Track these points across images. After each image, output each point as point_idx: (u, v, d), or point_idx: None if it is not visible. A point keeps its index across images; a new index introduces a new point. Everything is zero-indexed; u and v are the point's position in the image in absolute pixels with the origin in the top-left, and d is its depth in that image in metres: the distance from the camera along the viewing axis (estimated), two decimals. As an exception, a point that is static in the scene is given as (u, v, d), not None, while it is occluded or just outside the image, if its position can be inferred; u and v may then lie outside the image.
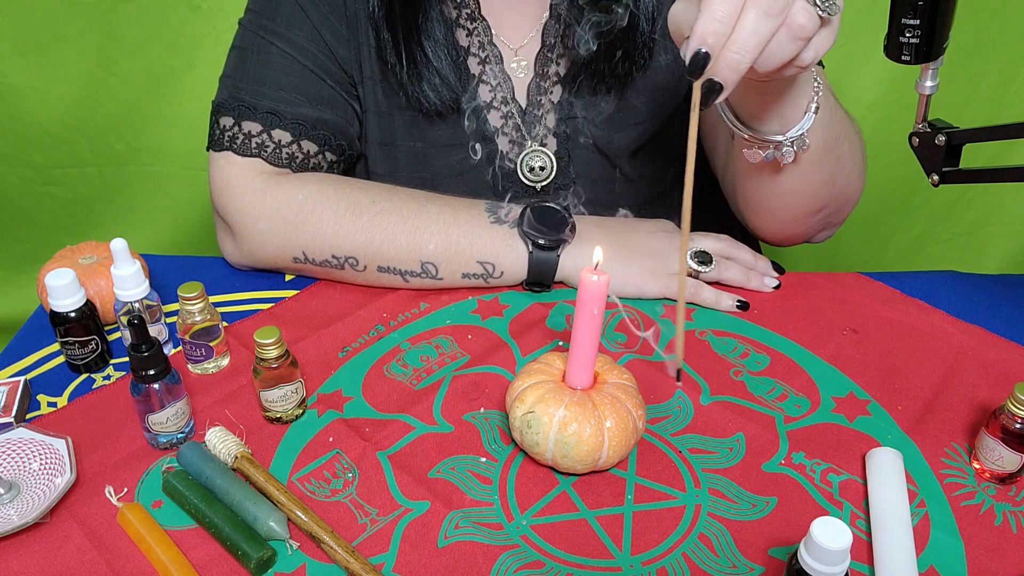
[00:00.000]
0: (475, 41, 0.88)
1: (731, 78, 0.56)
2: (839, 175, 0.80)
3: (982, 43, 1.37)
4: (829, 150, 0.76)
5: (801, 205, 0.82)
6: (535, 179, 0.90)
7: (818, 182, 0.79)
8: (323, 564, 0.58)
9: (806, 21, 0.56)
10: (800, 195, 0.80)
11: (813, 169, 0.77)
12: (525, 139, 0.90)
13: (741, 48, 0.55)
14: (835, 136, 0.75)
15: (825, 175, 0.79)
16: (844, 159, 0.79)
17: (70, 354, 0.74)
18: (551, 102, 0.89)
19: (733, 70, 0.56)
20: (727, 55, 0.56)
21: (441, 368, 0.75)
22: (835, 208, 0.85)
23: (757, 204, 0.84)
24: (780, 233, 0.88)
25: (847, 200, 0.85)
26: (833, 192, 0.82)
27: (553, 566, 0.58)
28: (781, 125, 0.71)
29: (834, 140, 0.76)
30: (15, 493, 0.62)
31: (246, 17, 0.87)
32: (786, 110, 0.69)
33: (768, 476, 0.65)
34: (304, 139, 0.85)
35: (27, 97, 1.42)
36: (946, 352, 0.77)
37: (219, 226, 0.87)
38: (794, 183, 0.78)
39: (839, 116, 0.76)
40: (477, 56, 0.88)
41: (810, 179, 0.78)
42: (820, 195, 0.81)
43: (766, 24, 0.55)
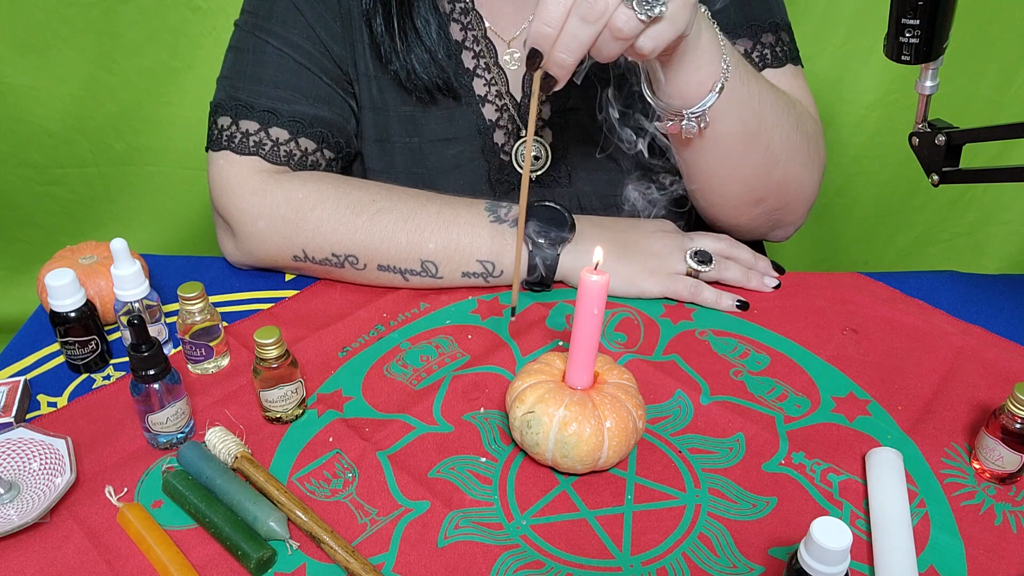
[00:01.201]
0: (469, 35, 0.88)
1: (560, 73, 0.65)
2: (773, 168, 0.82)
3: (982, 43, 1.37)
4: (752, 137, 0.79)
5: (732, 192, 0.84)
6: (530, 170, 0.90)
7: (746, 170, 0.81)
8: (323, 564, 0.58)
9: (623, 25, 0.62)
10: (728, 179, 0.83)
11: (735, 154, 0.80)
12: (521, 131, 0.90)
13: (565, 49, 0.63)
14: (758, 124, 0.78)
15: (753, 164, 0.81)
16: (776, 151, 0.81)
17: (70, 354, 0.74)
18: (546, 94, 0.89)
19: (560, 66, 0.65)
20: (554, 54, 0.64)
21: (441, 368, 0.75)
22: (777, 204, 0.86)
23: (691, 183, 0.86)
24: (723, 220, 0.89)
25: (792, 196, 0.87)
26: (769, 184, 0.83)
27: (553, 566, 0.58)
28: (683, 100, 0.74)
29: (757, 128, 0.78)
30: (15, 493, 0.62)
31: (241, 18, 0.87)
32: (682, 86, 0.73)
33: (768, 476, 0.65)
34: (302, 137, 0.85)
35: (27, 97, 1.42)
36: (946, 352, 0.77)
37: (219, 225, 0.87)
38: (716, 164, 0.81)
39: (766, 106, 0.79)
40: (471, 50, 0.88)
41: (736, 163, 0.81)
42: (753, 185, 0.83)
43: (586, 29, 0.62)
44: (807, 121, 0.86)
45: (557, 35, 0.63)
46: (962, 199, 1.54)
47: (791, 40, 0.90)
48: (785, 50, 0.89)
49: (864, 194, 1.54)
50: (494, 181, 0.91)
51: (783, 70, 0.88)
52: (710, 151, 0.80)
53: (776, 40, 0.88)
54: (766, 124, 0.79)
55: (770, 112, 0.79)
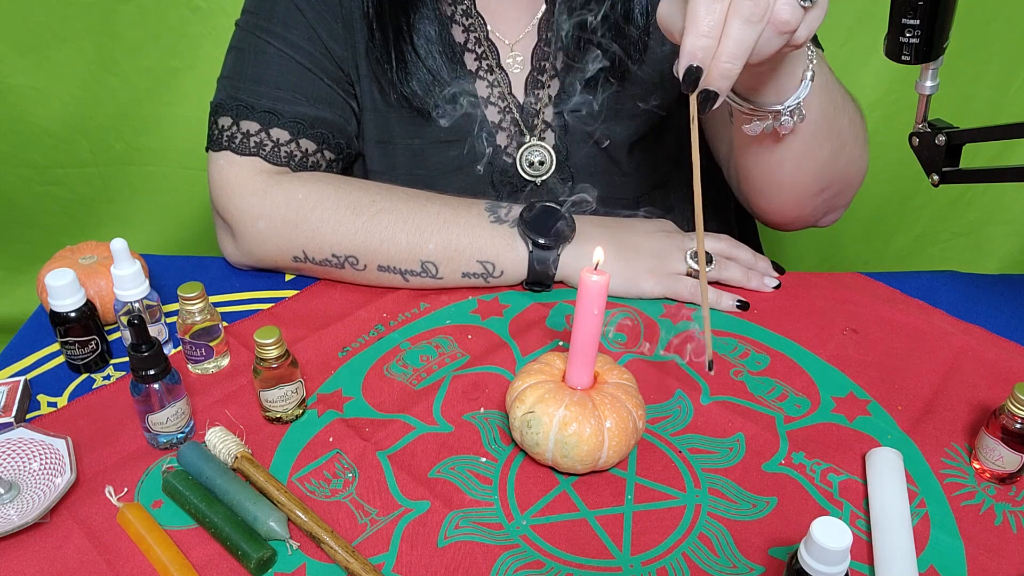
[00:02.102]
0: (471, 37, 0.88)
1: (724, 86, 0.58)
2: (841, 152, 0.80)
3: (982, 43, 1.37)
4: (829, 123, 0.76)
5: (804, 183, 0.81)
6: (535, 174, 0.90)
7: (821, 158, 0.79)
8: (323, 564, 0.58)
9: (789, 16, 0.57)
10: (803, 171, 0.80)
11: (815, 143, 0.77)
12: (523, 134, 0.90)
13: (731, 58, 0.57)
14: (834, 108, 0.76)
15: (827, 151, 0.78)
16: (845, 135, 0.79)
17: (70, 354, 0.74)
18: (548, 96, 0.89)
19: (725, 78, 0.58)
20: (718, 66, 0.57)
21: (441, 368, 0.75)
22: (839, 189, 0.85)
23: (760, 183, 0.83)
24: (785, 214, 0.87)
25: (850, 180, 0.85)
26: (836, 171, 0.81)
27: (553, 566, 0.58)
28: (778, 95, 0.71)
29: (833, 113, 0.76)
30: (15, 493, 0.62)
31: (242, 18, 0.87)
32: (782, 79, 0.70)
33: (768, 476, 0.65)
34: (302, 137, 0.85)
35: (27, 97, 1.42)
36: (946, 352, 0.77)
37: (219, 225, 0.87)
38: (796, 158, 0.78)
39: (837, 89, 0.77)
40: (473, 52, 0.88)
41: (812, 154, 0.78)
42: (823, 173, 0.81)
43: (750, 31, 0.57)
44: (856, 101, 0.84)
45: (718, 44, 0.57)
46: (962, 199, 1.54)
47: None
48: None
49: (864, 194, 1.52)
50: (497, 183, 0.91)
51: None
52: (789, 145, 0.76)
53: None
54: (838, 108, 0.77)
55: (839, 95, 0.77)
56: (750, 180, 0.85)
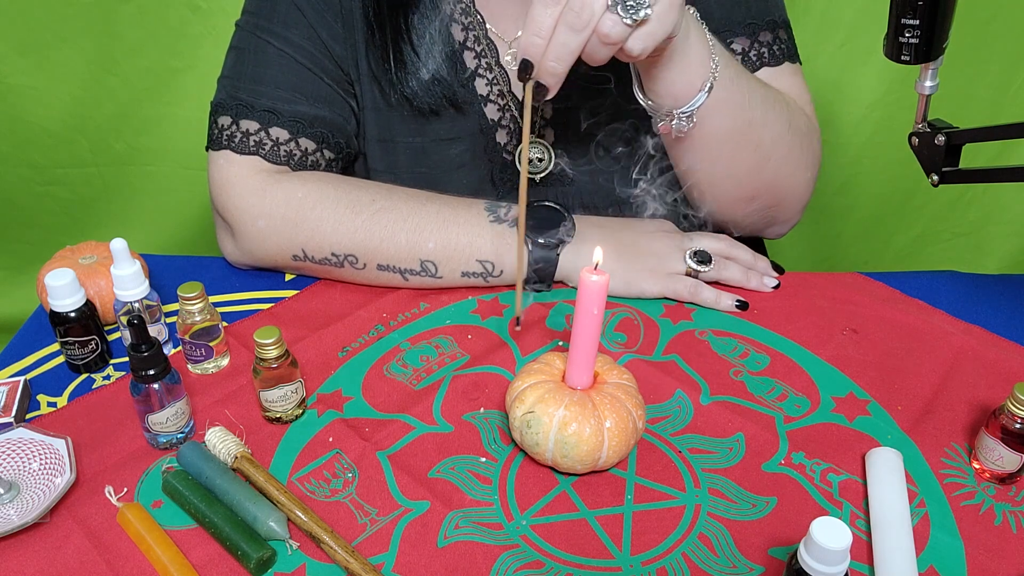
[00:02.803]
0: (470, 35, 0.88)
1: (551, 81, 0.66)
2: (764, 166, 0.83)
3: (982, 43, 1.37)
4: (740, 136, 0.79)
5: (725, 189, 0.84)
6: (533, 171, 0.91)
7: (738, 168, 0.82)
8: (323, 564, 0.58)
9: (610, 31, 0.63)
10: (720, 177, 0.83)
11: (726, 152, 0.80)
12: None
13: (556, 58, 0.65)
14: (747, 123, 0.79)
15: (744, 162, 0.81)
16: (766, 149, 0.82)
17: (70, 354, 0.74)
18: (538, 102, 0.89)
19: (551, 75, 0.66)
20: (545, 63, 0.65)
21: (441, 368, 0.75)
22: (771, 201, 0.87)
23: (685, 181, 0.86)
24: (718, 216, 0.89)
25: (785, 194, 0.87)
26: (760, 182, 0.84)
27: (553, 566, 0.58)
28: (674, 100, 0.75)
29: (746, 127, 0.79)
30: (15, 493, 0.62)
31: (243, 18, 0.87)
32: (671, 86, 0.74)
33: (768, 476, 0.65)
34: (302, 137, 0.85)
35: (27, 97, 1.42)
36: (946, 352, 0.77)
37: (218, 225, 0.87)
38: (707, 163, 0.82)
39: (755, 105, 0.79)
40: (472, 50, 0.88)
41: (725, 162, 0.81)
42: (744, 182, 0.83)
43: (574, 37, 0.64)
44: (800, 119, 0.86)
45: (547, 45, 0.64)
46: (962, 199, 1.54)
47: (789, 38, 0.90)
48: (783, 48, 0.89)
49: (864, 194, 1.54)
50: (497, 181, 0.91)
51: (780, 68, 0.88)
52: (701, 149, 0.80)
53: (774, 38, 0.88)
54: (756, 123, 0.80)
55: (760, 111, 0.80)
56: (682, 177, 0.87)
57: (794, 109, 0.85)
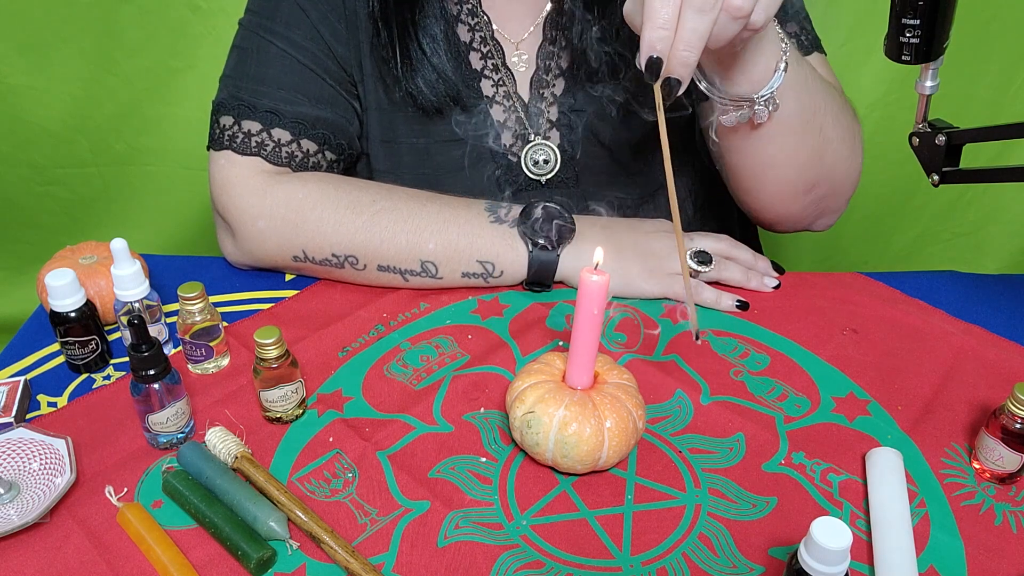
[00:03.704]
0: (476, 36, 0.88)
1: (685, 73, 0.61)
2: (825, 151, 0.81)
3: (982, 43, 1.37)
4: (808, 118, 0.78)
5: (787, 179, 0.83)
6: (539, 172, 0.90)
7: (802, 154, 0.80)
8: (323, 564, 0.58)
9: (742, 2, 0.60)
10: (784, 166, 0.82)
11: (794, 137, 0.78)
12: (528, 133, 0.90)
13: (687, 46, 0.60)
14: (812, 105, 0.78)
15: (808, 147, 0.80)
16: (828, 133, 0.81)
17: (70, 354, 0.74)
18: (553, 95, 0.89)
19: (685, 66, 0.61)
20: (676, 54, 0.61)
21: (441, 368, 0.75)
22: (827, 190, 0.86)
23: (744, 178, 0.85)
24: (774, 212, 0.88)
25: (840, 181, 0.86)
26: (821, 169, 0.83)
27: (553, 566, 0.58)
28: (751, 84, 0.73)
29: (812, 109, 0.78)
30: (15, 493, 0.62)
31: (246, 17, 0.87)
32: (752, 69, 0.72)
33: (768, 476, 0.65)
34: (304, 138, 0.85)
35: (27, 97, 1.42)
36: (946, 352, 0.77)
37: (219, 225, 0.87)
38: (776, 151, 0.80)
39: (817, 86, 0.78)
40: (479, 51, 0.88)
41: (792, 149, 0.80)
42: (806, 170, 0.82)
43: (704, 19, 0.60)
44: (848, 104, 0.85)
45: (674, 35, 0.60)
46: (962, 199, 1.54)
47: (812, 29, 0.90)
48: (810, 38, 0.89)
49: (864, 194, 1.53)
50: (502, 182, 0.91)
51: (810, 58, 0.88)
52: (769, 137, 0.78)
53: (800, 29, 0.88)
54: (819, 104, 0.78)
55: (820, 94, 0.79)
56: (736, 176, 0.86)
57: (841, 94, 0.85)
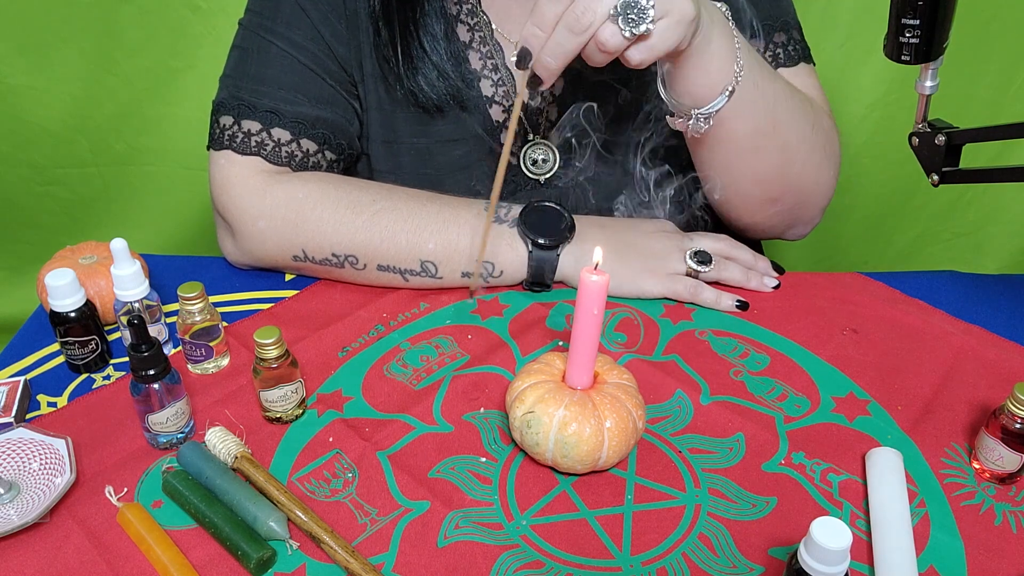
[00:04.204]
0: (476, 36, 0.88)
1: (545, 75, 0.68)
2: (789, 167, 0.83)
3: (982, 43, 1.36)
4: (764, 137, 0.79)
5: (748, 190, 0.85)
6: (537, 172, 0.90)
7: (760, 169, 0.82)
8: (323, 564, 0.58)
9: (607, 40, 0.64)
10: (743, 178, 0.83)
11: (749, 154, 0.80)
12: (528, 133, 0.90)
13: (551, 54, 0.66)
14: (770, 124, 0.79)
15: (767, 164, 0.81)
16: (792, 151, 0.82)
17: (70, 354, 0.74)
18: (553, 95, 0.89)
19: (546, 69, 0.67)
20: (541, 57, 0.67)
21: (441, 368, 0.75)
22: (793, 203, 0.87)
23: (706, 181, 0.86)
24: (740, 219, 0.90)
25: (808, 195, 0.87)
26: (785, 184, 0.84)
27: (553, 566, 0.58)
28: (692, 100, 0.75)
29: (770, 129, 0.79)
30: (15, 493, 0.62)
31: (246, 17, 0.87)
32: (691, 88, 0.74)
33: (768, 476, 0.65)
34: (304, 138, 0.85)
35: (27, 97, 1.42)
36: (946, 352, 0.77)
37: (219, 225, 0.87)
38: (731, 164, 0.82)
39: (780, 107, 0.79)
40: (478, 51, 0.88)
41: (748, 164, 0.81)
42: (768, 184, 0.84)
43: (571, 39, 0.64)
44: (824, 120, 0.86)
45: (546, 39, 0.65)
46: (962, 199, 1.54)
47: (802, 39, 0.90)
48: (797, 49, 0.89)
49: (864, 194, 1.54)
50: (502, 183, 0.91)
51: (796, 69, 0.89)
52: (723, 150, 0.80)
53: (788, 39, 0.88)
54: (781, 125, 0.79)
55: (786, 113, 0.80)
56: (702, 180, 0.87)
57: (818, 109, 0.85)
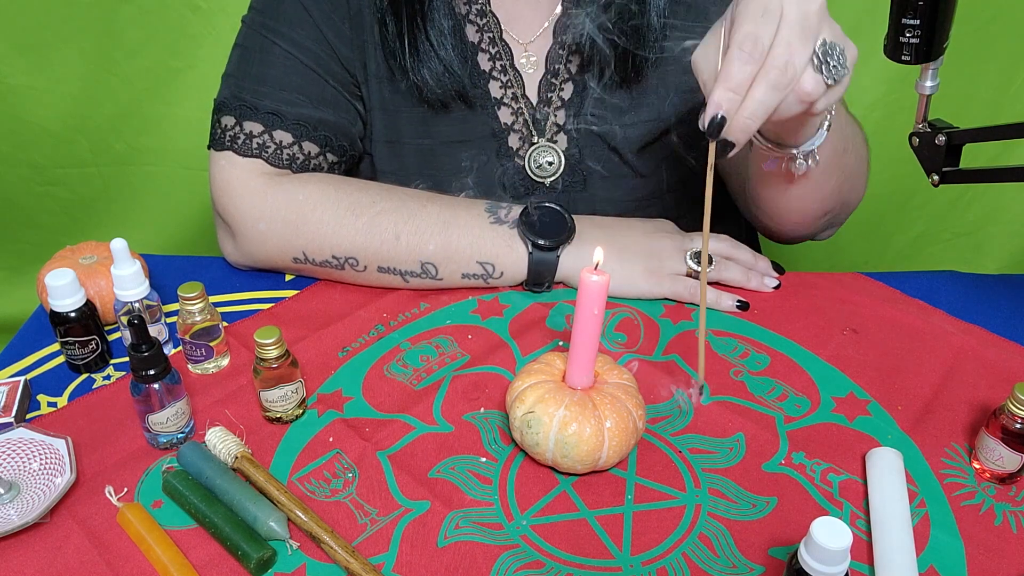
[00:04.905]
0: (485, 37, 0.87)
1: (742, 139, 0.62)
2: (845, 183, 0.84)
3: (982, 43, 1.36)
4: (838, 162, 0.79)
5: (811, 210, 0.85)
6: (543, 175, 0.90)
7: (827, 190, 0.82)
8: (323, 564, 0.58)
9: (812, 89, 0.61)
10: (810, 200, 0.83)
11: (823, 179, 0.80)
12: (535, 135, 0.90)
13: (752, 116, 0.61)
14: (843, 149, 0.79)
15: (833, 183, 0.82)
16: (850, 168, 0.83)
17: (70, 354, 0.74)
18: (561, 99, 0.89)
19: (744, 132, 0.61)
20: (739, 120, 0.61)
21: (441, 368, 0.75)
22: (839, 211, 0.89)
23: (770, 209, 0.87)
24: (789, 234, 0.91)
25: (850, 203, 0.89)
26: (839, 198, 0.85)
27: (553, 566, 0.58)
28: (796, 140, 0.73)
29: (842, 151, 0.79)
30: (15, 493, 0.62)
31: (249, 15, 0.87)
32: (807, 131, 0.72)
33: (768, 476, 0.65)
34: (305, 140, 0.85)
35: (27, 97, 1.42)
36: (946, 352, 0.77)
37: (219, 226, 0.87)
38: (806, 190, 0.81)
39: (849, 128, 0.80)
40: (487, 52, 0.88)
41: (820, 187, 0.81)
42: (828, 201, 0.85)
43: (774, 95, 0.60)
44: (862, 131, 0.87)
45: (742, 100, 0.60)
46: (962, 199, 1.54)
47: None
48: None
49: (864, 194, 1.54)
50: (507, 185, 0.91)
51: None
52: (801, 181, 0.79)
53: None
54: (848, 146, 0.80)
55: (851, 133, 0.80)
56: (761, 206, 0.88)
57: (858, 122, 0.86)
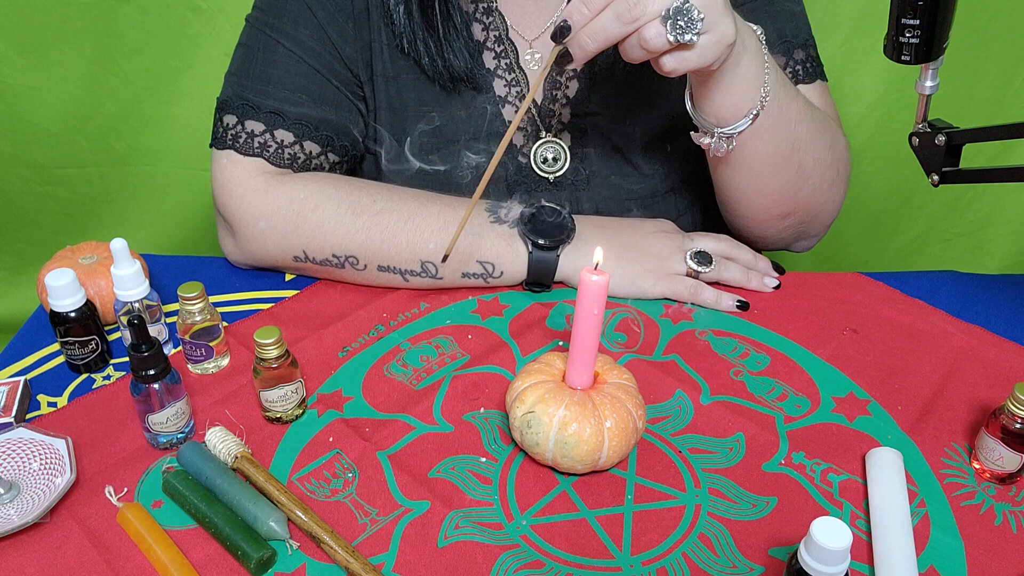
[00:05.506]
0: (491, 35, 0.87)
1: (579, 55, 0.67)
2: (802, 186, 0.83)
3: (982, 43, 1.36)
4: (783, 159, 0.80)
5: (761, 205, 0.85)
6: (548, 170, 0.90)
7: (776, 187, 0.82)
8: (323, 564, 0.58)
9: (651, 38, 0.64)
10: (756, 194, 0.84)
11: (767, 172, 0.81)
12: (540, 133, 0.90)
13: (591, 35, 0.65)
14: (790, 146, 0.79)
15: (783, 182, 0.82)
16: (807, 171, 0.82)
17: (70, 354, 0.74)
18: (566, 96, 0.89)
19: (582, 49, 0.66)
20: (580, 36, 0.66)
21: (441, 368, 0.75)
22: (803, 218, 0.87)
23: (723, 198, 0.87)
24: (750, 232, 0.90)
25: (817, 212, 0.88)
26: (797, 201, 0.84)
27: (553, 566, 0.58)
28: (716, 119, 0.76)
29: (789, 151, 0.79)
30: (15, 493, 0.62)
31: (253, 14, 0.87)
32: (715, 108, 0.75)
33: (768, 476, 0.65)
34: (307, 140, 0.85)
35: (27, 97, 1.42)
36: (946, 352, 0.77)
37: (220, 225, 0.87)
38: (747, 182, 0.82)
39: (801, 129, 0.80)
40: (492, 51, 0.88)
41: (765, 181, 0.82)
42: (781, 201, 0.84)
43: (616, 27, 0.64)
44: (840, 139, 0.87)
45: (591, 19, 0.65)
46: (962, 199, 1.54)
47: (817, 55, 0.91)
48: (814, 66, 0.90)
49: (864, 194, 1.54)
50: (512, 183, 0.91)
51: (812, 86, 0.89)
52: (740, 168, 0.81)
53: (806, 56, 0.89)
54: (800, 146, 0.80)
55: (807, 135, 0.80)
56: (718, 196, 0.88)
57: (835, 129, 0.86)
